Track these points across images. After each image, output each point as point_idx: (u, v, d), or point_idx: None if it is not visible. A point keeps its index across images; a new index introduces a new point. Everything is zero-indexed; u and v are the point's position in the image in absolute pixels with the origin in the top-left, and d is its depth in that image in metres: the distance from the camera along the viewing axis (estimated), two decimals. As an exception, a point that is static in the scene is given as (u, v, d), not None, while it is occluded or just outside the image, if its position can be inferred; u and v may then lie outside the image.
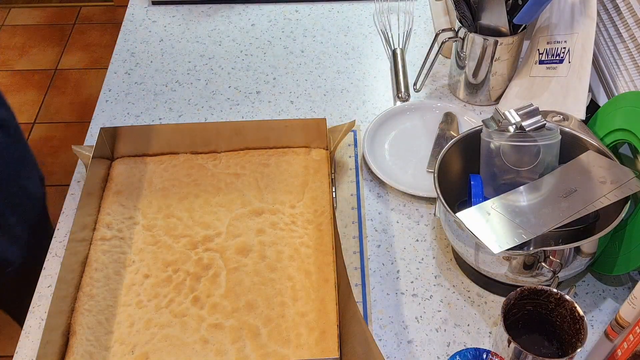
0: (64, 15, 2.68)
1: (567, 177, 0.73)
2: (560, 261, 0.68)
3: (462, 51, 0.95)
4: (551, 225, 0.68)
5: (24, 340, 0.74)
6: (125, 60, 1.10)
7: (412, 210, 0.87)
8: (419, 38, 1.14)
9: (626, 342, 0.62)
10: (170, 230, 0.80)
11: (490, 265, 0.71)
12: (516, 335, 0.70)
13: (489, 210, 0.70)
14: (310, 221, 0.81)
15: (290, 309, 0.73)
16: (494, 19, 0.92)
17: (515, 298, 0.66)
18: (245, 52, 1.12)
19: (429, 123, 0.97)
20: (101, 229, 0.81)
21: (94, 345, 0.70)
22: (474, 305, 0.77)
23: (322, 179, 0.85)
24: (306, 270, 0.76)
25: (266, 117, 1.00)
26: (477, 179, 0.77)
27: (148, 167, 0.88)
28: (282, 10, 1.20)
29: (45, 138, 2.19)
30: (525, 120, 0.74)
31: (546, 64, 0.93)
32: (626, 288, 0.78)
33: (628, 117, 0.76)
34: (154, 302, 0.74)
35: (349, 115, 1.00)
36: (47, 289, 0.79)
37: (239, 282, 0.75)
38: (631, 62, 0.84)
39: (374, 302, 0.77)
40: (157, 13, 1.20)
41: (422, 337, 0.74)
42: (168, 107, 1.02)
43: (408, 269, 0.80)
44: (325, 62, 1.09)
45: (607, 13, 0.90)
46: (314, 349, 0.69)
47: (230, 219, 0.82)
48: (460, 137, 0.79)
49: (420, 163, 0.92)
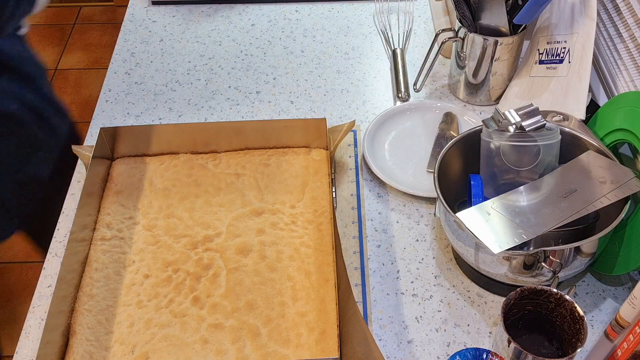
0: (64, 15, 2.68)
1: (567, 177, 0.73)
2: (560, 261, 0.68)
3: (462, 51, 0.95)
4: (551, 225, 0.68)
5: (24, 340, 0.74)
6: (125, 60, 1.10)
7: (412, 210, 0.87)
8: (419, 38, 1.14)
9: (626, 342, 0.62)
10: (171, 230, 0.80)
11: (490, 265, 0.71)
12: (516, 335, 0.70)
13: (489, 210, 0.70)
14: (310, 221, 0.81)
15: (290, 309, 0.73)
16: (494, 19, 0.92)
17: (515, 298, 0.66)
18: (245, 52, 1.12)
19: (429, 123, 0.97)
20: (101, 229, 0.81)
21: (94, 345, 0.70)
22: (474, 305, 0.77)
23: (322, 179, 0.85)
24: (306, 270, 0.76)
25: (266, 117, 1.00)
26: (477, 179, 0.77)
27: (148, 167, 0.88)
28: (282, 10, 1.20)
29: (45, 138, 2.19)
30: (525, 120, 0.74)
31: (546, 64, 0.93)
32: (626, 288, 0.78)
33: (628, 117, 0.76)
34: (154, 302, 0.74)
35: (349, 115, 1.00)
36: (47, 289, 0.79)
37: (239, 282, 0.75)
38: (631, 62, 0.84)
39: (374, 302, 0.77)
40: (157, 13, 1.20)
41: (422, 337, 0.74)
42: (168, 107, 1.02)
43: (408, 269, 0.80)
44: (325, 62, 1.09)
45: (607, 13, 0.90)
46: (314, 349, 0.69)
47: (231, 219, 0.82)
48: (460, 137, 0.79)
49: (420, 163, 0.92)
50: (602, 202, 0.69)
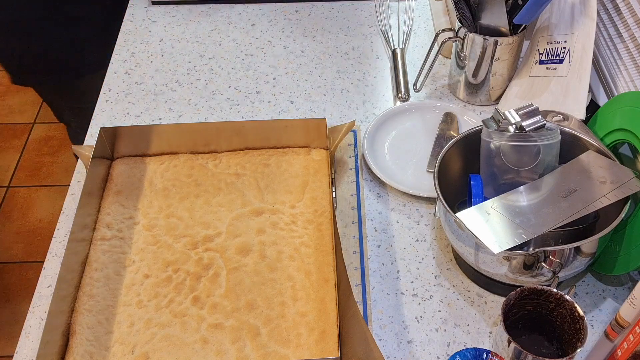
0: (64, 15, 2.68)
1: (567, 177, 0.73)
2: (560, 261, 0.68)
3: (462, 51, 0.95)
4: (551, 225, 0.68)
5: (24, 340, 0.74)
6: (125, 60, 1.10)
7: (412, 210, 0.87)
8: (419, 38, 1.14)
9: (626, 342, 0.62)
10: (171, 230, 0.80)
11: (490, 265, 0.71)
12: (516, 335, 0.70)
13: (489, 210, 0.70)
14: (310, 221, 0.81)
15: (290, 309, 0.73)
16: (494, 19, 0.92)
17: (515, 298, 0.66)
18: (245, 52, 1.12)
19: (429, 123, 0.97)
20: (101, 229, 0.81)
21: (94, 345, 0.70)
22: (474, 305, 0.77)
23: (322, 179, 0.85)
24: (306, 270, 0.76)
25: (266, 117, 1.00)
26: (477, 179, 0.77)
27: (148, 167, 0.88)
28: (282, 10, 1.20)
29: (45, 138, 2.19)
30: (525, 120, 0.74)
31: (546, 64, 0.93)
32: (626, 288, 0.78)
33: (628, 117, 0.76)
34: (154, 302, 0.74)
35: (349, 115, 1.00)
36: (47, 289, 0.79)
37: (239, 282, 0.75)
38: (631, 62, 0.84)
39: (374, 302, 0.77)
40: (157, 13, 1.20)
41: (422, 337, 0.74)
42: (168, 107, 1.02)
43: (408, 269, 0.80)
44: (325, 62, 1.09)
45: (607, 13, 0.90)
46: (313, 349, 0.69)
47: (231, 218, 0.82)
48: (460, 137, 0.79)
49: (420, 163, 0.92)
50: (602, 202, 0.69)
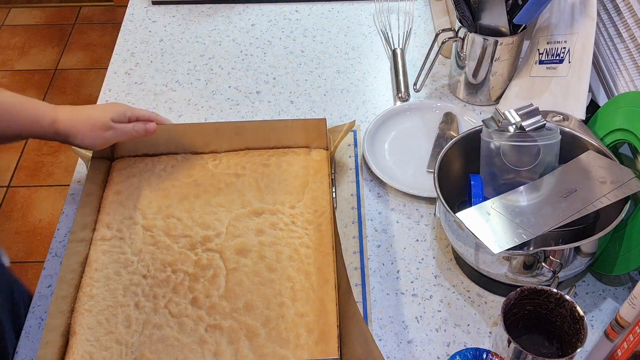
0: (64, 15, 2.68)
1: (567, 177, 0.73)
2: (560, 261, 0.67)
3: (462, 51, 0.95)
4: (551, 225, 0.68)
5: (24, 340, 0.74)
6: (125, 60, 1.10)
7: (412, 210, 0.86)
8: (419, 38, 1.14)
9: (626, 342, 0.62)
10: (170, 231, 0.80)
11: (490, 265, 0.71)
12: (516, 335, 0.70)
13: (489, 210, 0.70)
14: (310, 221, 0.81)
15: (290, 309, 0.72)
16: (494, 19, 0.92)
17: (515, 298, 0.66)
18: (245, 52, 1.12)
19: (429, 123, 0.97)
20: (101, 229, 0.81)
21: (94, 345, 0.70)
22: (474, 305, 0.77)
23: (322, 179, 0.85)
24: (306, 271, 0.76)
25: (266, 117, 1.00)
26: (477, 179, 0.77)
27: (148, 167, 0.88)
28: (282, 10, 1.20)
29: (46, 138, 2.19)
30: (525, 120, 0.74)
31: (546, 64, 0.93)
32: (626, 288, 0.78)
33: (628, 117, 0.76)
34: (153, 303, 0.74)
35: (349, 115, 1.00)
36: (47, 289, 0.79)
37: (239, 282, 0.75)
38: (631, 62, 0.84)
39: (374, 302, 0.77)
40: (157, 13, 1.20)
41: (422, 337, 0.74)
42: (168, 107, 1.02)
43: (408, 269, 0.80)
44: (325, 62, 1.09)
45: (607, 13, 0.90)
46: (313, 349, 0.69)
47: (230, 219, 0.81)
48: (460, 137, 0.79)
49: (420, 163, 0.92)
50: (602, 202, 0.69)
